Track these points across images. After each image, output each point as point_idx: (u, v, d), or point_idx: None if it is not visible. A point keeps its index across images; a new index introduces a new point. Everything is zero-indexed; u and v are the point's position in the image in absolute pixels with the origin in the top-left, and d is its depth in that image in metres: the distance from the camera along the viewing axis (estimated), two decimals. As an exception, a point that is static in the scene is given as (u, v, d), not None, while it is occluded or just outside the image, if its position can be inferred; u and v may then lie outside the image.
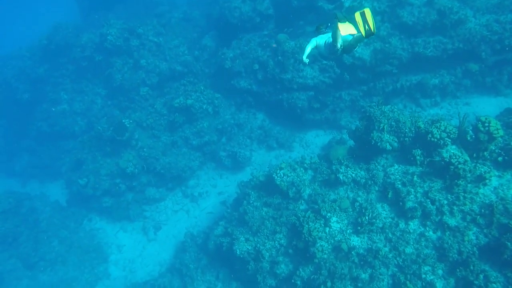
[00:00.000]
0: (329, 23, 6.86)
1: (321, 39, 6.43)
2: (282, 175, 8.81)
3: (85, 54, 15.13)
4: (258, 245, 8.53)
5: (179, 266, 10.99)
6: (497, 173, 7.18)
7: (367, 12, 5.41)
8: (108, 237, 13.11)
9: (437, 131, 7.37)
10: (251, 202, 9.35)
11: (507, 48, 11.64)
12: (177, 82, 14.52)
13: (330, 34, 6.27)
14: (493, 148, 7.37)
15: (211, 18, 15.51)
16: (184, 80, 13.77)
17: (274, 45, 12.88)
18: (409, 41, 12.04)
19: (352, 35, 5.55)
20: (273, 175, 8.93)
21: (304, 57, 6.60)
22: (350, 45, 5.66)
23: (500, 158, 7.24)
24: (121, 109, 15.08)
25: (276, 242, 8.45)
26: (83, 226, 13.61)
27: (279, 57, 12.75)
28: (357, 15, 5.45)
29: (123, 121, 13.36)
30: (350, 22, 5.66)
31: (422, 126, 7.82)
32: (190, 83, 13.46)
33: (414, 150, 7.68)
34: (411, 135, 7.96)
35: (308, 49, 6.48)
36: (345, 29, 5.61)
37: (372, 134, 8.19)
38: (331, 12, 12.59)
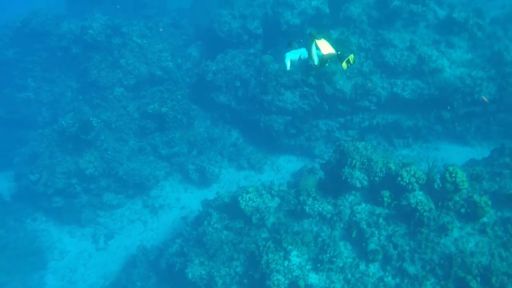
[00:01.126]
0: (301, 40, 7.09)
1: (295, 55, 6.56)
2: (247, 199, 8.45)
3: (62, 44, 14.37)
4: (213, 270, 8.04)
5: (124, 282, 10.19)
6: (458, 224, 7.17)
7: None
8: (52, 240, 11.97)
9: (407, 175, 7.31)
10: (212, 223, 8.90)
11: (476, 102, 12.18)
12: (155, 87, 14.01)
13: (303, 50, 6.50)
14: (457, 199, 7.37)
15: (200, 28, 15.30)
16: (162, 87, 13.31)
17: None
18: (389, 80, 12.29)
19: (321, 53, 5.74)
20: (239, 198, 8.56)
21: (287, 65, 6.60)
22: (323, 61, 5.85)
23: (462, 210, 7.24)
24: (91, 106, 14.33)
25: (232, 269, 7.99)
26: (25, 226, 12.26)
27: (262, 78, 12.62)
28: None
29: (91, 119, 12.63)
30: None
31: (393, 167, 7.76)
32: (167, 90, 13.01)
33: (382, 191, 7.58)
34: (381, 175, 7.88)
35: (287, 61, 6.55)
36: (322, 46, 5.68)
37: (343, 169, 8.06)
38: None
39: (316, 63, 6.27)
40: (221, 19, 13.59)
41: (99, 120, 12.79)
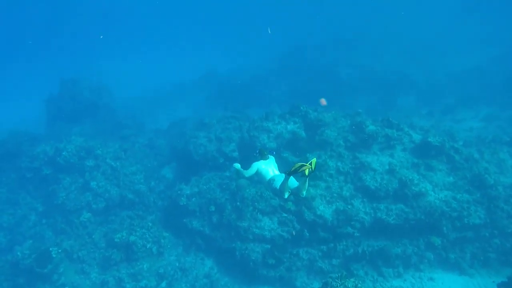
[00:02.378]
0: (274, 152, 7.96)
1: (265, 172, 7.71)
2: None
3: (33, 165, 14.93)
4: None
5: None
6: None
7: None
8: None
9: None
10: None
11: (467, 227, 12.24)
12: (125, 210, 14.11)
13: (272, 160, 7.98)
14: None
15: (175, 149, 16.13)
16: (132, 212, 13.39)
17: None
18: (372, 205, 12.50)
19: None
20: None
21: (236, 165, 7.80)
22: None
23: None
24: (55, 231, 14.17)
25: None
26: None
27: (238, 203, 12.82)
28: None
29: (50, 249, 12.37)
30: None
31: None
32: (138, 216, 13.08)
33: None
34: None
35: (247, 171, 7.66)
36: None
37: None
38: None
39: (286, 197, 7.46)
40: (196, 141, 14.45)
41: (60, 250, 12.51)
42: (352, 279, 8.48)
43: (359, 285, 8.32)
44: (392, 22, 39.61)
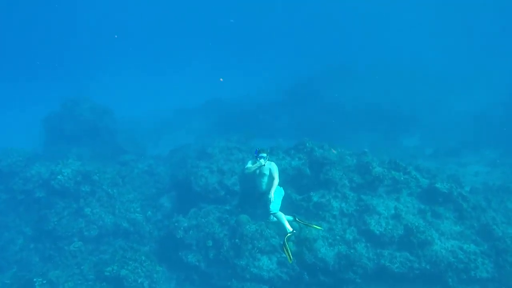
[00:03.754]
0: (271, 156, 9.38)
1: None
2: None
3: (26, 187, 14.74)
4: None
5: None
6: None
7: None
8: None
9: None
10: None
11: (473, 280, 11.98)
12: (118, 239, 13.83)
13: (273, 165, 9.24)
14: None
15: (176, 178, 16.03)
16: (126, 244, 13.10)
17: None
18: (375, 251, 12.30)
19: None
20: None
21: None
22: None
23: None
24: (42, 258, 13.84)
25: None
26: None
27: (237, 240, 12.60)
28: None
29: (34, 279, 12.06)
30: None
31: None
32: (131, 248, 12.78)
33: None
34: None
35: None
36: None
37: None
38: (298, 203, 13.21)
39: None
40: (198, 172, 14.37)
41: (45, 281, 12.17)
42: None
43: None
44: (401, 57, 40.48)
